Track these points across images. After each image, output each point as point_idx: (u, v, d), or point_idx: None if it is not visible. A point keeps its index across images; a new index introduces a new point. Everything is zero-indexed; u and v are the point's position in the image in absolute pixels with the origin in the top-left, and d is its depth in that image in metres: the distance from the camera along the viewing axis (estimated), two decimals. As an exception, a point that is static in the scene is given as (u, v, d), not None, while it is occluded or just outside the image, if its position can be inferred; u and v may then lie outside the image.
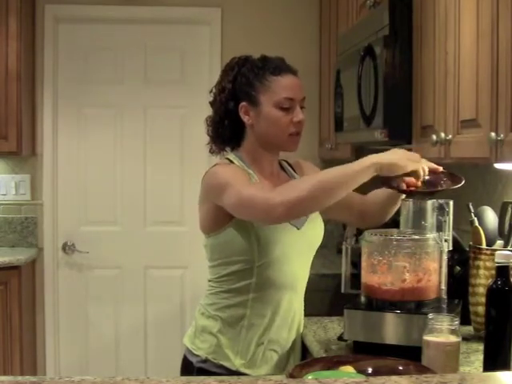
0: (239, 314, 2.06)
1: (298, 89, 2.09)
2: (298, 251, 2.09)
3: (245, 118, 2.09)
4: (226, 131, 2.13)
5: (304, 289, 2.17)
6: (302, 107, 2.10)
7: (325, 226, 2.20)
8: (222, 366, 2.05)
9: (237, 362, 2.05)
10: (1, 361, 3.75)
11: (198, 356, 2.09)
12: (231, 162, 2.10)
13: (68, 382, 1.60)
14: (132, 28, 4.35)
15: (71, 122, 4.32)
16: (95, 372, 4.21)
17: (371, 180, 1.91)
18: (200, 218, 2.11)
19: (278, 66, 2.09)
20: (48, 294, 4.29)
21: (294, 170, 2.25)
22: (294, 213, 1.90)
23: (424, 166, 1.95)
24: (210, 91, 2.16)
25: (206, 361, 2.07)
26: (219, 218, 2.01)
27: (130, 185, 4.36)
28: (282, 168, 2.23)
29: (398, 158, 1.90)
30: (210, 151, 2.21)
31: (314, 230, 2.14)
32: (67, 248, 4.33)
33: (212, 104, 2.16)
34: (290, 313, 2.11)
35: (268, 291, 2.06)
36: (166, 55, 4.35)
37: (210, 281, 2.14)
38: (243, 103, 2.08)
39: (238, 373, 2.02)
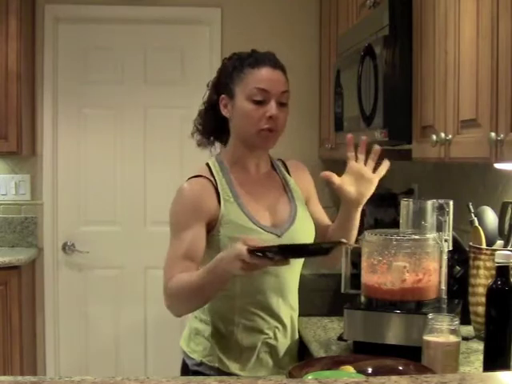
0: (228, 319, 2.03)
1: (275, 82, 2.01)
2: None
3: (224, 111, 2.06)
4: (209, 123, 2.13)
5: (295, 290, 2.11)
6: (282, 103, 2.01)
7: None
8: (217, 369, 2.02)
9: (231, 366, 2.02)
10: (1, 361, 3.75)
11: (193, 359, 2.06)
12: (209, 169, 2.07)
13: (68, 382, 1.60)
14: (132, 28, 4.35)
15: (71, 122, 4.32)
16: (95, 372, 4.21)
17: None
18: None
19: (258, 59, 2.03)
20: (48, 294, 4.29)
21: (288, 171, 2.17)
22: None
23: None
24: (207, 85, 2.16)
25: (201, 364, 2.04)
26: None
27: (129, 185, 4.36)
28: (273, 167, 2.16)
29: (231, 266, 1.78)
30: (197, 144, 2.21)
31: (300, 233, 2.05)
32: (67, 248, 4.33)
33: (204, 98, 2.17)
34: (280, 316, 2.06)
35: (254, 297, 2.02)
36: (166, 55, 4.35)
37: None
38: (223, 96, 2.06)
39: (233, 375, 1.99)
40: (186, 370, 2.08)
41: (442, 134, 2.13)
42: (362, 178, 2.01)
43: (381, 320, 1.93)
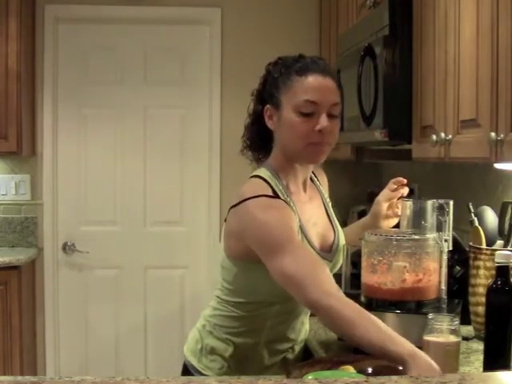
0: (254, 341, 1.95)
1: (326, 92, 1.83)
2: None
3: (268, 123, 1.89)
4: (254, 137, 1.96)
5: None
6: (332, 115, 1.84)
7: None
8: None
9: None
10: (1, 361, 3.75)
11: (207, 376, 1.95)
12: (268, 184, 1.86)
13: (68, 382, 1.60)
14: (132, 28, 4.34)
15: (71, 122, 4.32)
16: (95, 372, 4.21)
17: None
18: (226, 244, 1.91)
19: (307, 65, 1.84)
20: (48, 294, 4.29)
21: (319, 181, 2.09)
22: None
23: None
24: (252, 94, 1.97)
25: None
26: (252, 256, 1.79)
27: (129, 185, 4.36)
28: (311, 179, 2.04)
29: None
30: (252, 161, 2.01)
31: (341, 254, 2.03)
32: (67, 248, 4.33)
33: (249, 108, 1.98)
34: (301, 332, 2.05)
35: (286, 317, 1.96)
36: (165, 55, 4.35)
37: (222, 300, 1.98)
38: (268, 106, 1.89)
39: None
40: None
41: (442, 134, 2.14)
42: (390, 208, 2.18)
43: (381, 320, 1.93)
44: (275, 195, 1.84)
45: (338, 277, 2.12)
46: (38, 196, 4.29)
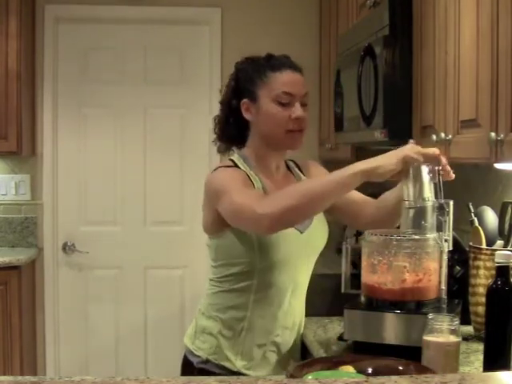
0: (240, 316, 2.05)
1: (298, 84, 2.07)
2: (300, 255, 2.08)
3: (246, 115, 2.09)
4: (231, 129, 2.15)
5: (305, 290, 2.16)
6: (304, 104, 2.08)
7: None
8: (223, 367, 2.04)
9: (238, 364, 2.04)
10: (1, 361, 3.74)
11: (198, 357, 2.08)
12: (234, 163, 2.09)
13: (68, 382, 1.60)
14: (132, 28, 4.35)
15: (71, 121, 4.32)
16: (95, 372, 4.21)
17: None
18: (203, 219, 2.11)
19: (279, 63, 2.08)
20: (48, 294, 4.29)
21: (301, 171, 2.23)
22: (282, 224, 1.86)
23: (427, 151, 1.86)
24: (220, 90, 2.21)
25: (207, 361, 2.06)
26: (221, 221, 1.99)
27: (130, 185, 4.36)
28: (289, 168, 2.22)
29: (384, 160, 1.84)
30: (217, 150, 2.25)
31: (317, 233, 2.13)
32: (67, 248, 4.33)
33: (220, 103, 2.20)
34: (291, 315, 2.10)
35: (269, 293, 2.05)
36: (165, 55, 4.36)
37: (211, 280, 2.13)
38: (244, 100, 2.09)
39: (239, 374, 2.02)
40: (189, 368, 2.09)
41: (442, 134, 2.13)
42: None
43: (381, 320, 1.93)
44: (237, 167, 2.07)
45: (337, 277, 2.13)
46: (37, 196, 4.29)
